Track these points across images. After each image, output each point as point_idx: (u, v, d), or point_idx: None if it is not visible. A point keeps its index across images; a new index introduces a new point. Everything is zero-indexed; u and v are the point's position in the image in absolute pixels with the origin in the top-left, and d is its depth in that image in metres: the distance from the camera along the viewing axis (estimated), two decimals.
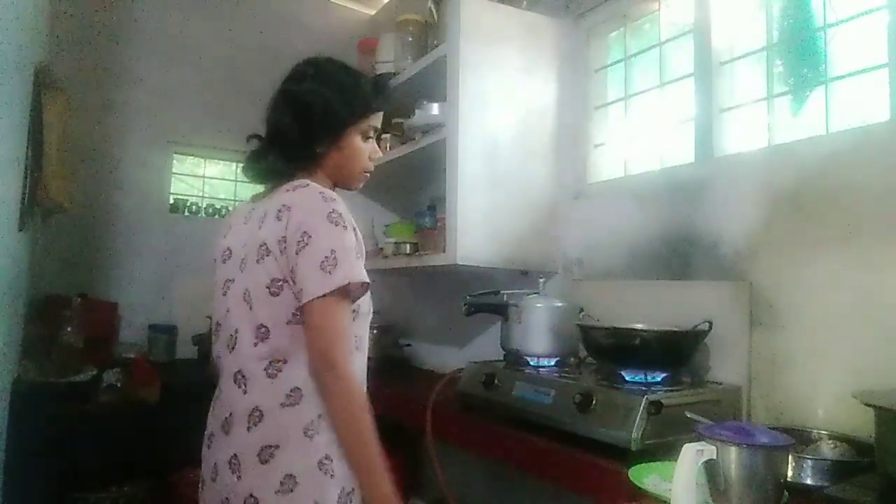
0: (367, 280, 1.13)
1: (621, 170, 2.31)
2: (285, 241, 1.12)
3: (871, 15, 1.58)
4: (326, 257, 1.08)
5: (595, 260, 2.22)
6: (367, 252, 1.28)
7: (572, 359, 1.90)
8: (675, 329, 1.61)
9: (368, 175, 1.37)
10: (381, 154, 1.37)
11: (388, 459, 1.09)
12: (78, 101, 2.47)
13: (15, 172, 1.77)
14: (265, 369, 1.13)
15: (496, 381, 1.74)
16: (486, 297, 2.01)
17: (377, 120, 1.32)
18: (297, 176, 1.24)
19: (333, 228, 1.11)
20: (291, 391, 1.12)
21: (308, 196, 1.16)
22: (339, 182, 1.34)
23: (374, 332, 2.36)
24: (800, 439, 1.39)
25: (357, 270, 1.11)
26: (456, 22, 2.22)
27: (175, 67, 3.05)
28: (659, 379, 1.57)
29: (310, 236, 1.10)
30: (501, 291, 2.11)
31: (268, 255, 1.14)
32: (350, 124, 1.27)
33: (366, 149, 1.32)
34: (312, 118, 1.25)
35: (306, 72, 1.32)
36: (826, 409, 1.48)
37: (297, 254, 1.10)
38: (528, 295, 1.99)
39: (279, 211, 1.15)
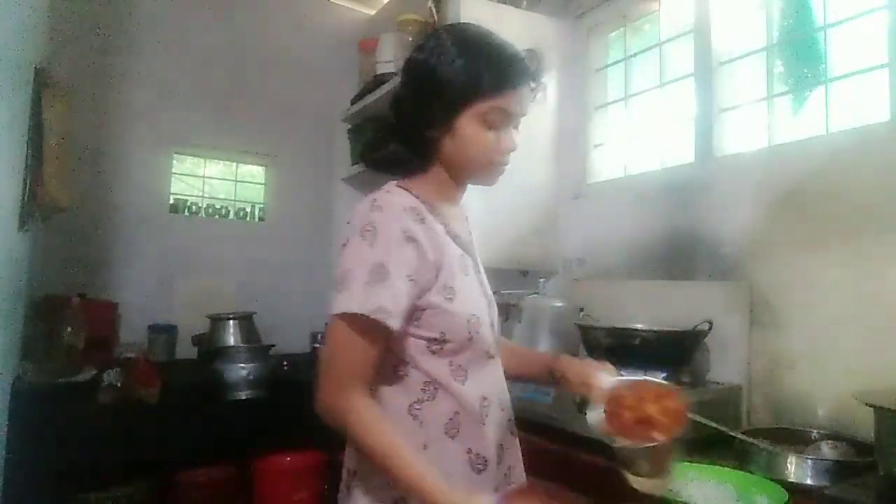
0: (369, 311, 0.91)
1: (621, 170, 2.31)
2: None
3: (870, 15, 1.58)
4: (342, 276, 0.94)
5: (595, 260, 2.22)
6: None
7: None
8: (675, 329, 1.61)
9: (502, 169, 1.09)
10: (514, 145, 1.07)
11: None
12: (78, 101, 2.47)
13: (15, 172, 1.76)
14: None
15: None
16: None
17: (507, 101, 1.02)
18: (417, 165, 1.08)
19: (359, 244, 0.95)
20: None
21: (362, 204, 1.01)
22: (459, 175, 1.10)
23: None
24: (800, 439, 1.39)
25: (363, 296, 0.91)
26: (456, 22, 2.22)
27: (175, 67, 3.04)
28: (659, 379, 1.57)
29: (342, 249, 0.98)
30: (501, 291, 2.10)
31: None
32: (463, 104, 1.01)
33: (487, 137, 1.03)
34: (422, 94, 1.04)
35: (430, 39, 1.08)
36: (826, 409, 1.48)
37: None
38: (528, 295, 1.99)
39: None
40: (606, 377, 1.05)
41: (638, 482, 0.96)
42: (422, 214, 1.02)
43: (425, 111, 1.03)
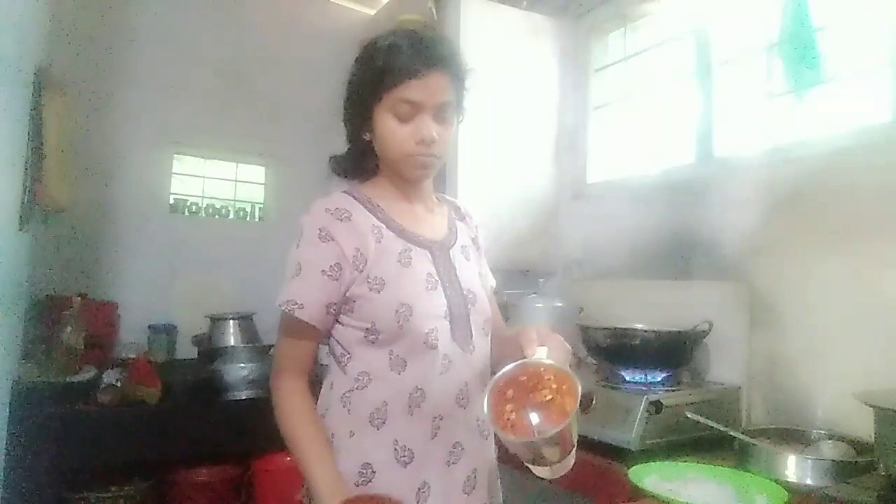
0: (283, 303, 1.04)
1: (621, 170, 2.31)
2: None
3: (871, 15, 1.58)
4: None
5: (595, 260, 2.22)
6: None
7: (572, 359, 1.90)
8: (675, 329, 1.61)
9: (424, 160, 1.07)
10: (429, 133, 1.04)
11: None
12: (78, 101, 2.47)
13: (15, 172, 1.76)
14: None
15: None
16: None
17: (410, 91, 1.03)
18: (366, 169, 1.16)
19: (293, 246, 1.08)
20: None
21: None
22: (391, 169, 1.12)
23: None
24: (800, 439, 1.39)
25: (284, 291, 1.05)
26: (456, 22, 2.23)
27: (175, 67, 3.04)
28: (659, 379, 1.57)
29: None
30: (501, 291, 2.10)
31: None
32: (371, 102, 1.06)
33: (398, 129, 1.05)
34: (347, 102, 1.12)
35: (359, 52, 1.14)
36: (826, 409, 1.48)
37: None
38: (528, 295, 1.99)
39: None
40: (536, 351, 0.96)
41: (546, 471, 0.91)
42: (349, 213, 1.07)
43: (352, 117, 1.11)
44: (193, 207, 3.17)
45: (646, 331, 1.61)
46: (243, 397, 2.26)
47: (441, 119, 1.07)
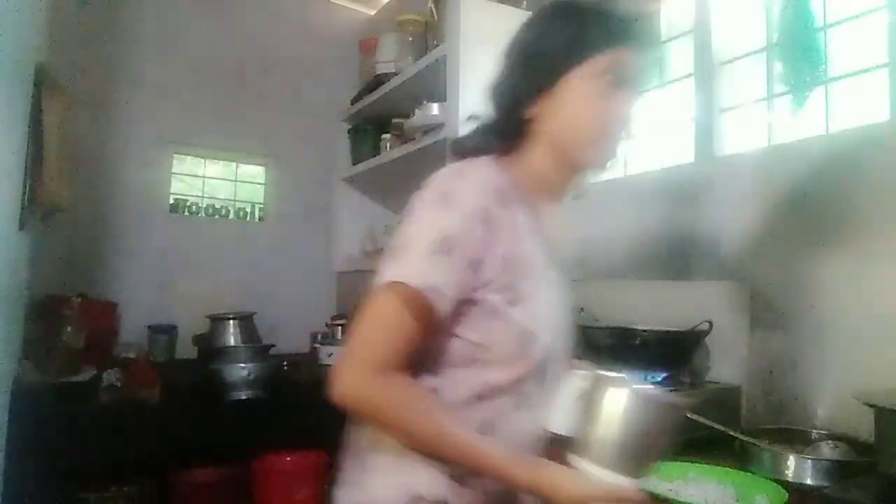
0: (423, 287, 0.78)
1: (621, 170, 2.31)
2: None
3: (870, 15, 1.58)
4: (402, 242, 0.81)
5: (595, 260, 2.22)
6: (367, 252, 1.20)
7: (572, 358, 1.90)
8: (675, 329, 1.61)
9: (614, 144, 0.92)
10: (632, 110, 0.90)
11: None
12: (78, 101, 2.47)
13: (15, 172, 1.77)
14: None
15: None
16: None
17: (621, 59, 0.86)
18: (507, 143, 0.94)
19: (429, 209, 0.82)
20: None
21: (444, 170, 0.87)
22: (567, 154, 0.93)
23: None
24: (800, 439, 1.39)
25: (420, 268, 0.78)
26: (456, 22, 2.22)
27: (175, 67, 3.04)
28: (659, 379, 1.57)
29: (407, 217, 0.84)
30: None
31: None
32: (567, 65, 0.86)
33: (600, 103, 0.86)
34: (522, 65, 0.91)
35: (533, 15, 0.97)
36: (826, 409, 1.48)
37: None
38: None
39: None
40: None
41: (604, 473, 0.81)
42: (508, 200, 0.87)
43: (524, 82, 0.90)
44: (193, 207, 3.17)
45: (646, 331, 1.61)
46: (243, 397, 2.26)
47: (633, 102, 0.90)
